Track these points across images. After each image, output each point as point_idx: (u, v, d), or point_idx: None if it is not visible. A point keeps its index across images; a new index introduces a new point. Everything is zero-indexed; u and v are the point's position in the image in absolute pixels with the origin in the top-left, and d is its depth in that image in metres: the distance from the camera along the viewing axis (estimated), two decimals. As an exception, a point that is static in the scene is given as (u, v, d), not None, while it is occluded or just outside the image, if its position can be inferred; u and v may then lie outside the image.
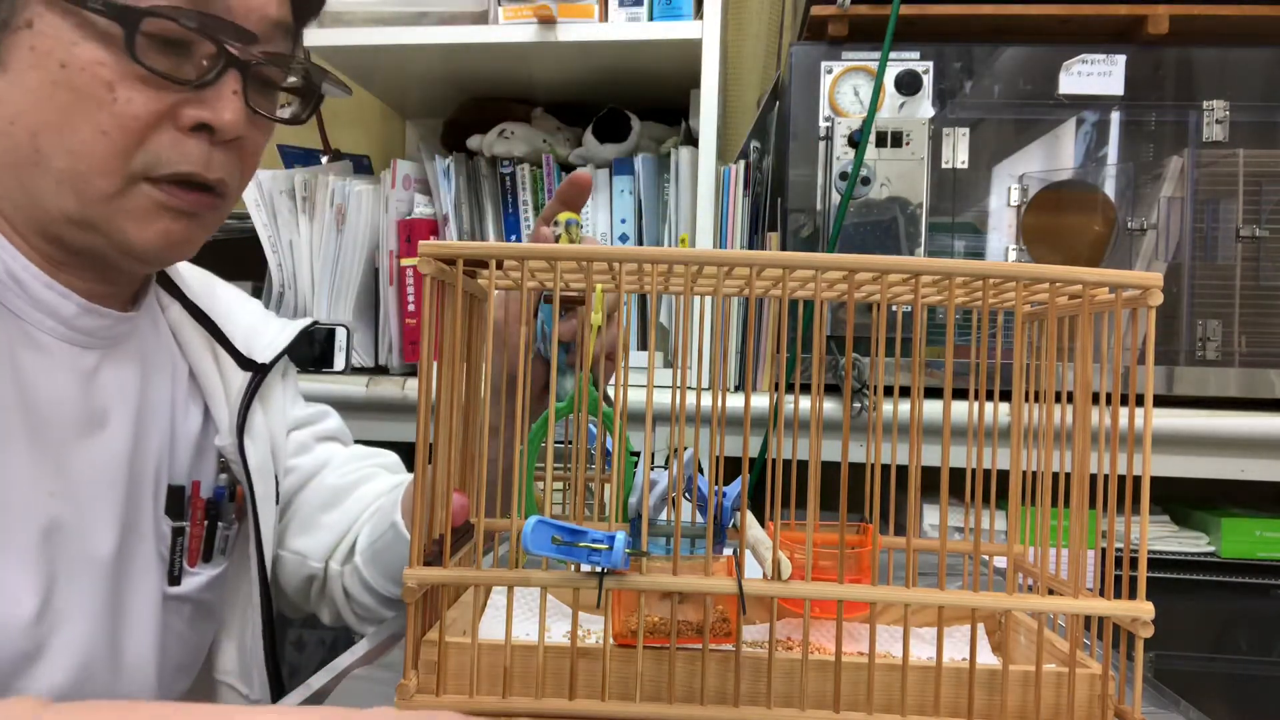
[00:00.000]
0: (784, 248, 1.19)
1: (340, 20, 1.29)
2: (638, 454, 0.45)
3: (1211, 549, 1.15)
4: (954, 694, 0.40)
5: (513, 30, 1.25)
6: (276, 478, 0.75)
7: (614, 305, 0.68)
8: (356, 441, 0.88)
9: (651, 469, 0.43)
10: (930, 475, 0.43)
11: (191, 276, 0.74)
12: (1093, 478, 0.42)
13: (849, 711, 0.39)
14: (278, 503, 0.76)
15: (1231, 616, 1.17)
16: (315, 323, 0.79)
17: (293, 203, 1.36)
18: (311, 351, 1.30)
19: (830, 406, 1.14)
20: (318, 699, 0.52)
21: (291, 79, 0.62)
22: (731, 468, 1.32)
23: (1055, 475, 0.43)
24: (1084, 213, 1.19)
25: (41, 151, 0.54)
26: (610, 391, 0.78)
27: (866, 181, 1.14)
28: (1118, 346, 0.41)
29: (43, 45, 0.53)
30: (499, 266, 0.42)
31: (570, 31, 1.23)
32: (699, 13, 1.22)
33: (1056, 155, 1.19)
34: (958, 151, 1.17)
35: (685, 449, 0.44)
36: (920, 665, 0.41)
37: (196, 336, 0.71)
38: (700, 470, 0.47)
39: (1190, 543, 1.16)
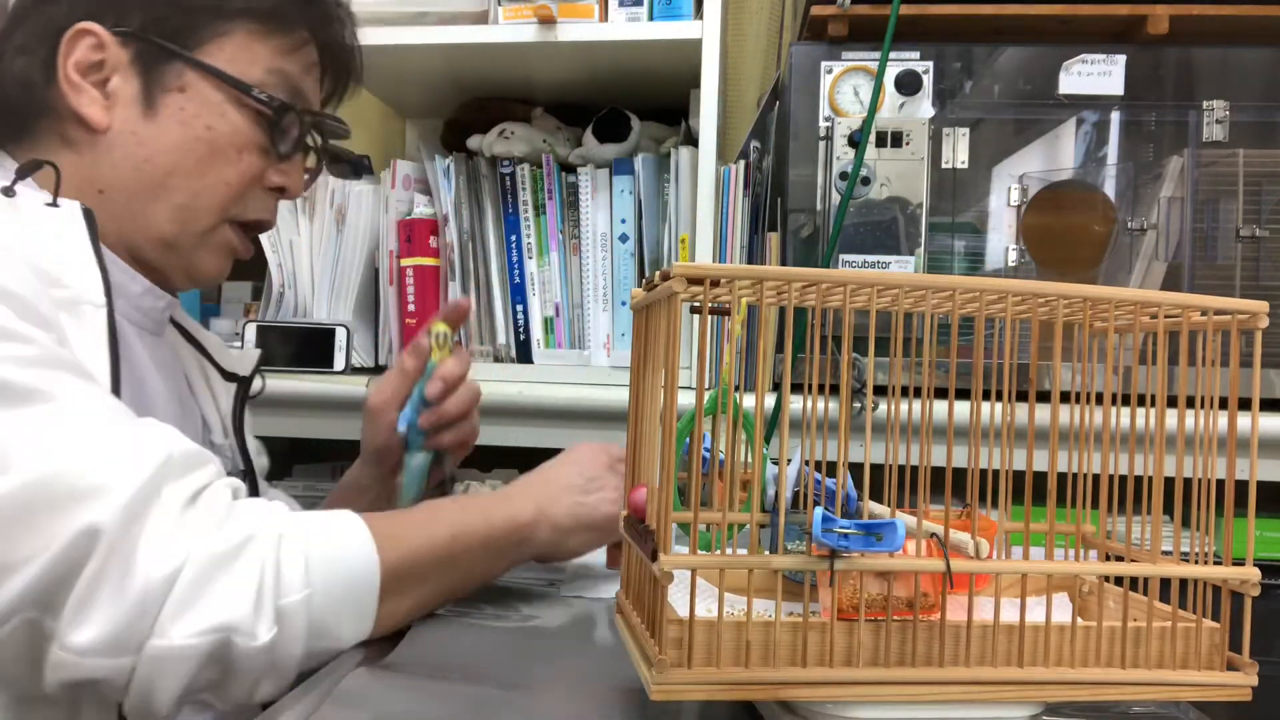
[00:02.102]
0: (784, 248, 1.19)
1: (340, 20, 1.29)
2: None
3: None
4: (1107, 648, 0.48)
5: (513, 30, 1.24)
6: None
7: (472, 399, 0.84)
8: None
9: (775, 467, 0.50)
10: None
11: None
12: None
13: (1031, 666, 0.47)
14: None
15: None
16: (259, 370, 0.88)
17: (293, 203, 1.36)
18: (298, 350, 1.30)
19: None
20: (319, 699, 0.52)
21: (313, 160, 0.82)
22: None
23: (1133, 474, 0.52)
24: (1084, 213, 1.19)
25: (168, 188, 0.70)
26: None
27: (866, 181, 1.14)
28: (1230, 365, 0.51)
29: (192, 109, 0.69)
30: (714, 284, 0.46)
31: (570, 31, 1.23)
32: (699, 13, 1.22)
33: (1056, 155, 1.19)
34: (958, 151, 1.17)
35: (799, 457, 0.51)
36: (1083, 626, 0.48)
37: (186, 350, 0.82)
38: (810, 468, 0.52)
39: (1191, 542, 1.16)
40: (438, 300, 1.35)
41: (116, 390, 0.60)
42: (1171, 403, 0.49)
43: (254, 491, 0.83)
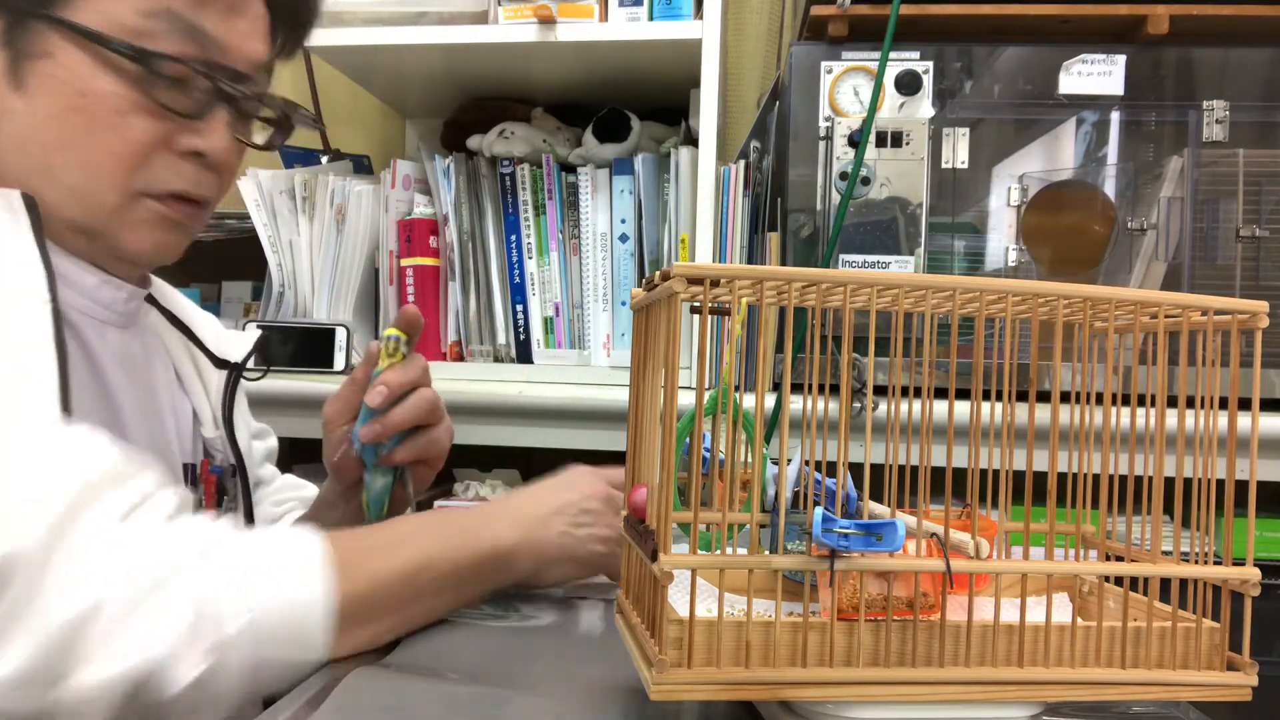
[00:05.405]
0: (784, 248, 1.19)
1: (340, 20, 1.29)
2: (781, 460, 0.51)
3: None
4: (1107, 648, 0.48)
5: (513, 30, 1.25)
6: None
7: (424, 408, 0.77)
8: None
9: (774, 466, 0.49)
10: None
11: (156, 281, 0.79)
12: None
13: (1031, 666, 0.47)
14: None
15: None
16: (266, 337, 0.87)
17: (293, 203, 1.36)
18: (298, 350, 1.30)
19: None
20: (318, 699, 0.52)
21: (268, 112, 0.71)
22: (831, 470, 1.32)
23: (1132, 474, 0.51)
24: (1084, 213, 1.19)
25: (53, 167, 0.62)
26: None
27: (866, 181, 1.14)
28: (1230, 365, 0.51)
29: (61, 75, 0.61)
30: (714, 284, 0.46)
31: (570, 31, 1.23)
32: (699, 13, 1.22)
33: (1056, 155, 1.19)
34: (958, 151, 1.17)
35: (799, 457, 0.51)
36: (1083, 626, 0.48)
37: (174, 339, 0.78)
38: (809, 468, 0.52)
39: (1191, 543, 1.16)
40: (438, 300, 1.35)
41: (65, 391, 0.56)
42: (1171, 403, 0.49)
43: (245, 484, 0.79)
